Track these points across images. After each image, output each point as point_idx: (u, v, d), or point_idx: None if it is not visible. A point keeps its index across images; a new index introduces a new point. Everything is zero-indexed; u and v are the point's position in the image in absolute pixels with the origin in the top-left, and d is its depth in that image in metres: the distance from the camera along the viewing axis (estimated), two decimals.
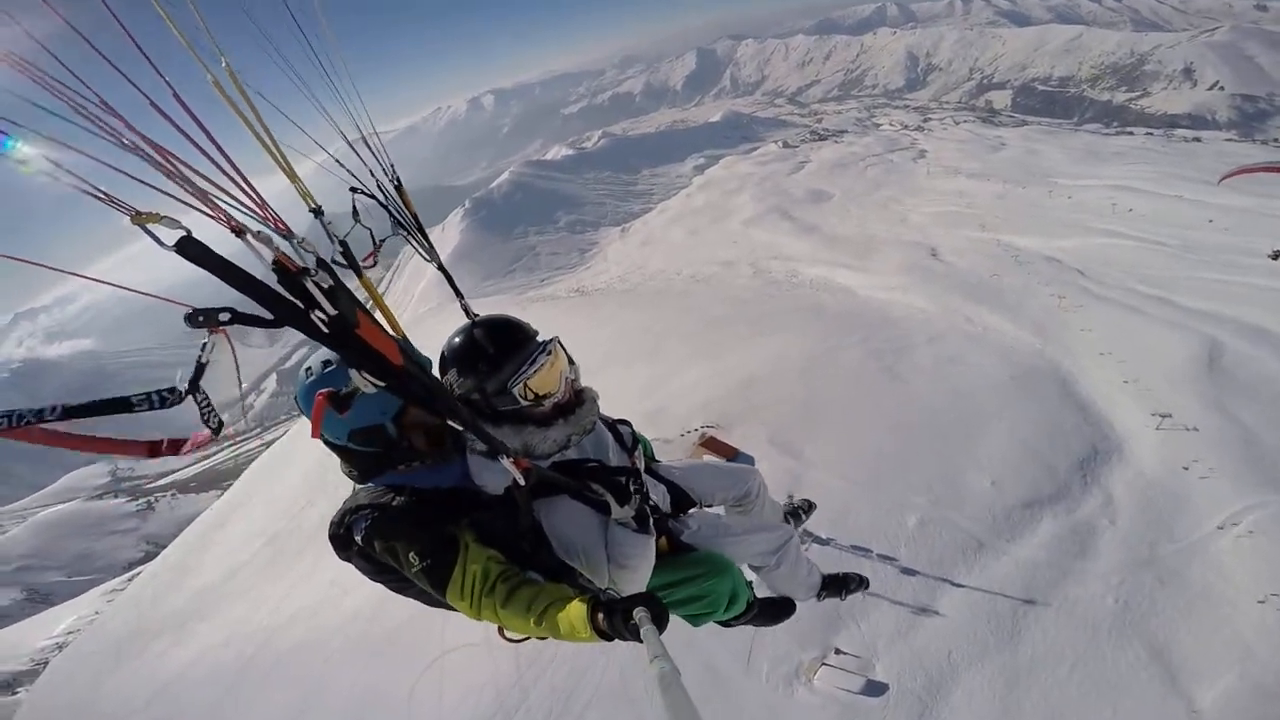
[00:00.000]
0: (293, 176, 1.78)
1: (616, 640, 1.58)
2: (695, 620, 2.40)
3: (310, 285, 1.10)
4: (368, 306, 1.33)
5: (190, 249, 1.00)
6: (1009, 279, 29.74)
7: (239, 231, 1.16)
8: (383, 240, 2.68)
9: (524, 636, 1.97)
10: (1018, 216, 41.88)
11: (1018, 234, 37.30)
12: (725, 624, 2.60)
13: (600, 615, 1.58)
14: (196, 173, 1.14)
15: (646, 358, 25.33)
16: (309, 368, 2.02)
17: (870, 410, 18.28)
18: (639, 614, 1.46)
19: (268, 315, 1.12)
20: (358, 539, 1.94)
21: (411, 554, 1.86)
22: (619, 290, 51.07)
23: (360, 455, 2.07)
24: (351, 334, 1.19)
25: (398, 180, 2.60)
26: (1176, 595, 12.90)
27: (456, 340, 2.19)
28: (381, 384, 1.31)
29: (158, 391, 1.18)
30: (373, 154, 2.48)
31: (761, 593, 2.85)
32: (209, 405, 1.33)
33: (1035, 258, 32.56)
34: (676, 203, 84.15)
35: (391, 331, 1.78)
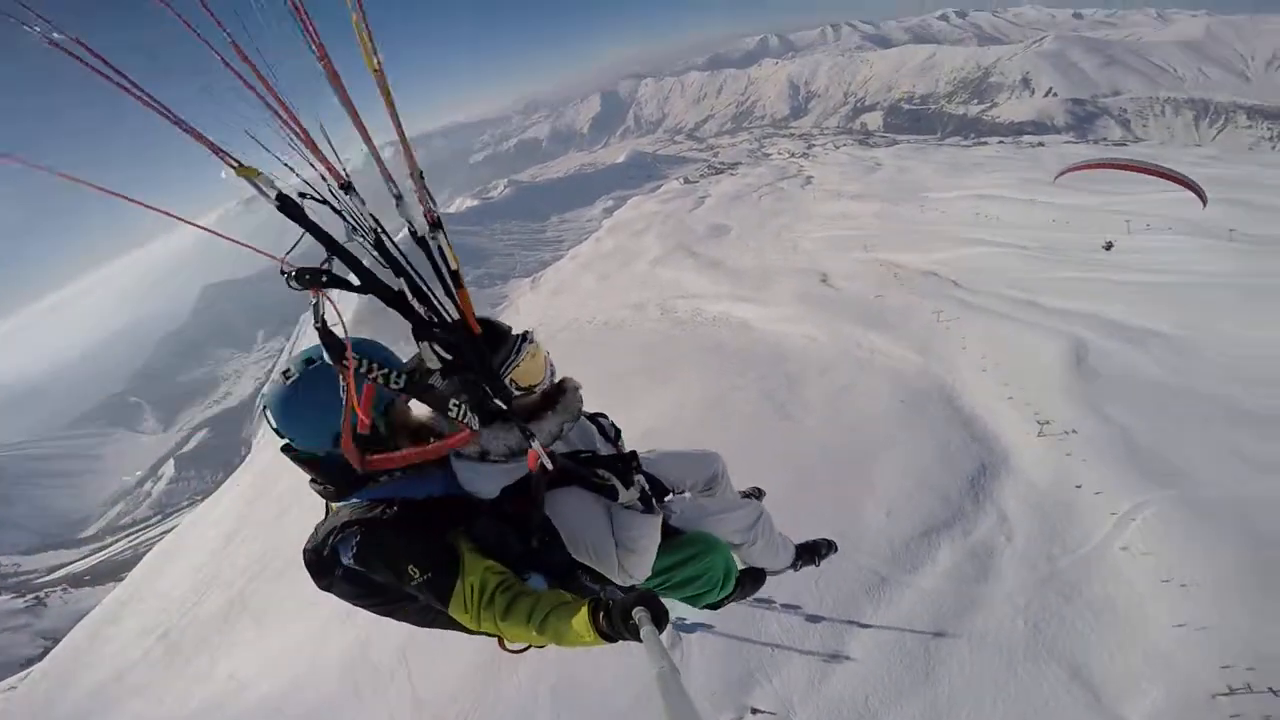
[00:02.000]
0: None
1: (620, 642, 1.61)
2: (695, 600, 2.45)
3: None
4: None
5: (287, 206, 1.36)
6: (892, 298, 31.01)
7: (347, 188, 1.56)
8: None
9: (525, 646, 1.97)
10: (896, 234, 44.43)
11: (897, 251, 39.38)
12: (715, 606, 2.62)
13: (601, 615, 1.61)
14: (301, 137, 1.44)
15: None
16: (287, 370, 1.88)
17: (765, 454, 18.24)
18: (638, 614, 1.51)
19: (356, 281, 1.50)
20: (347, 560, 1.83)
21: (412, 568, 1.78)
22: None
23: (339, 467, 1.86)
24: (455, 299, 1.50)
25: (348, 182, 2.36)
26: (1084, 609, 13.05)
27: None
28: (448, 358, 1.58)
29: None
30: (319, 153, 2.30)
31: None
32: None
33: (914, 274, 34.33)
34: (587, 248, 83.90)
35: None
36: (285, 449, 1.95)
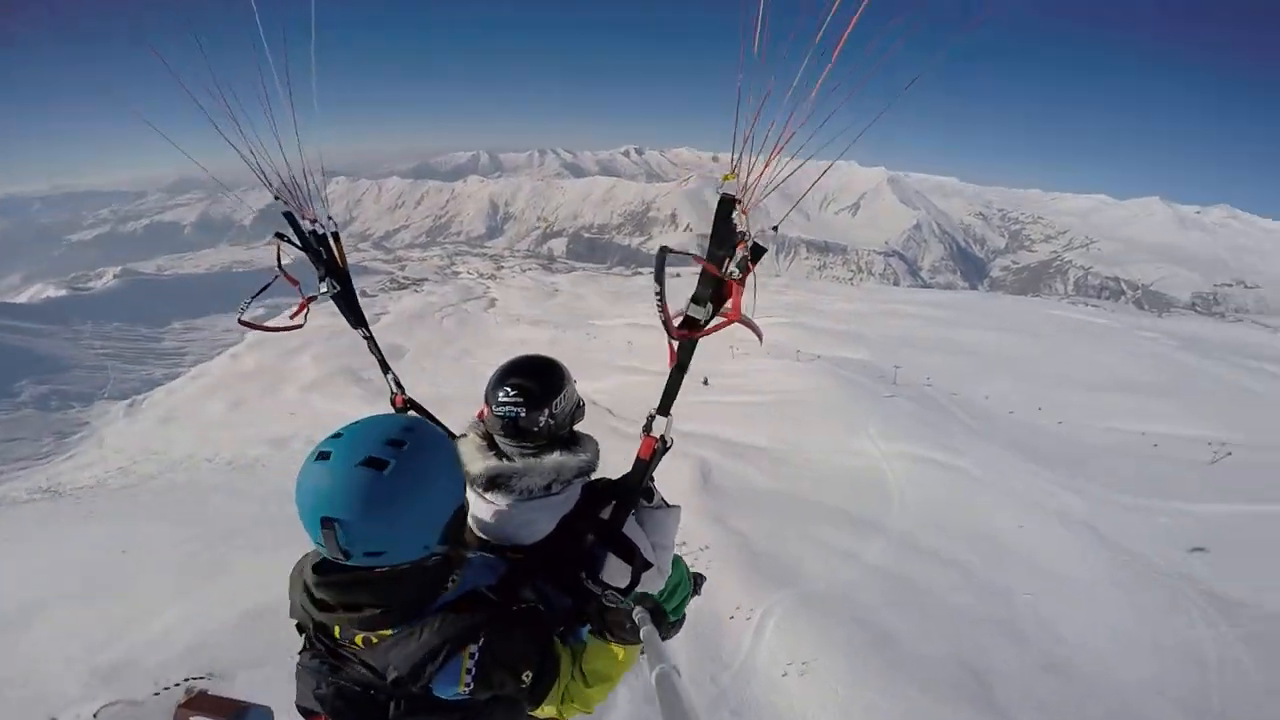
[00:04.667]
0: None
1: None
2: (679, 609, 2.34)
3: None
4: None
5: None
6: None
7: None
8: (310, 299, 2.27)
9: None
10: (566, 362, 47.19)
11: None
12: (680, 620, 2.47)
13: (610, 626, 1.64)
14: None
15: (114, 592, 19.12)
16: (371, 457, 1.37)
17: None
18: (638, 614, 1.53)
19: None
20: (462, 686, 1.46)
21: (526, 672, 1.54)
22: (112, 488, 37.60)
23: (430, 569, 1.51)
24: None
25: (335, 230, 2.34)
26: None
27: (545, 364, 1.99)
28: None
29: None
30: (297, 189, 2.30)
31: None
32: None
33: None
34: (219, 366, 69.12)
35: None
36: (333, 572, 1.44)
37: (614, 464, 2.03)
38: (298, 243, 2.24)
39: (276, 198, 2.17)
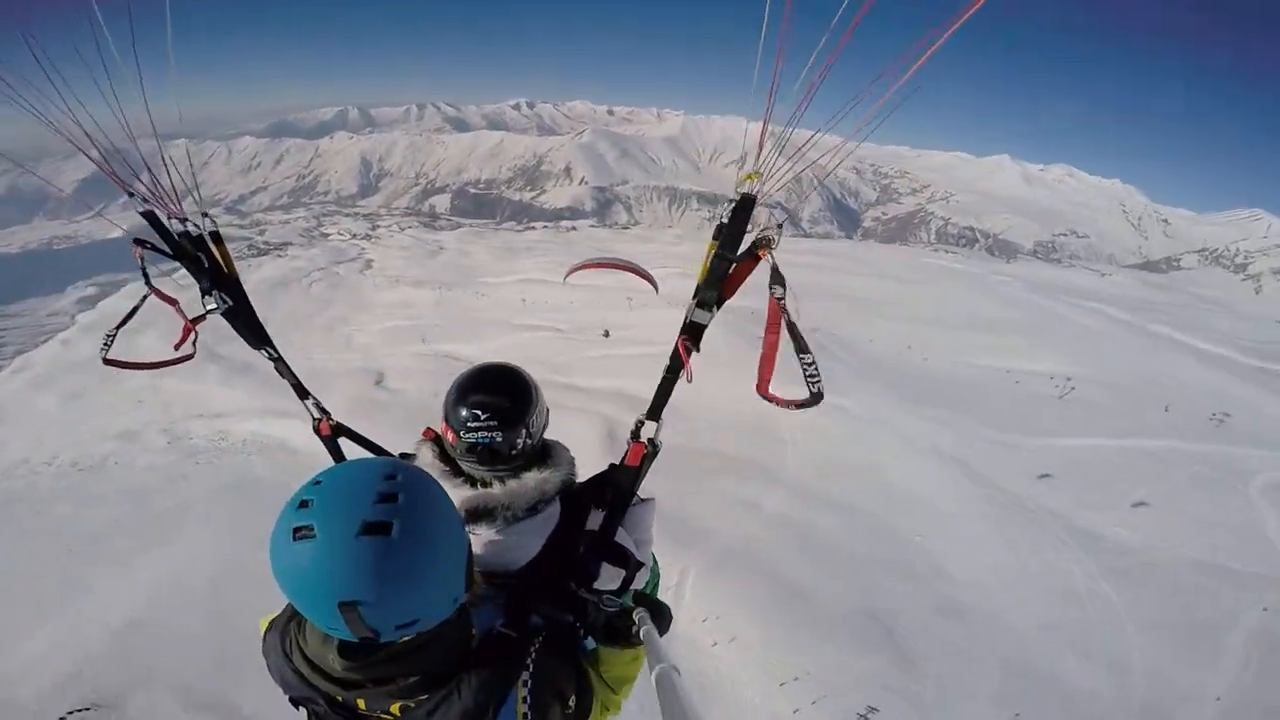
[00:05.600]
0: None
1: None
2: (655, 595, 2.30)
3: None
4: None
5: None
6: None
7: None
8: (197, 321, 1.99)
9: None
10: (454, 323, 44.72)
11: (455, 342, 39.36)
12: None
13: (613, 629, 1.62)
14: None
15: None
16: (369, 522, 1.16)
17: None
18: (638, 614, 1.53)
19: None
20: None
21: (571, 698, 1.56)
22: None
23: (456, 625, 1.41)
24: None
25: (215, 229, 2.04)
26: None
27: (510, 375, 1.81)
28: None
29: None
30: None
31: None
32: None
33: (469, 366, 34.40)
34: (46, 355, 59.34)
35: None
36: (362, 653, 1.28)
37: None
38: (166, 249, 1.92)
39: (130, 194, 1.85)
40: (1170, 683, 16.28)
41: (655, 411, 1.85)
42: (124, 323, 1.91)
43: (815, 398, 1.46)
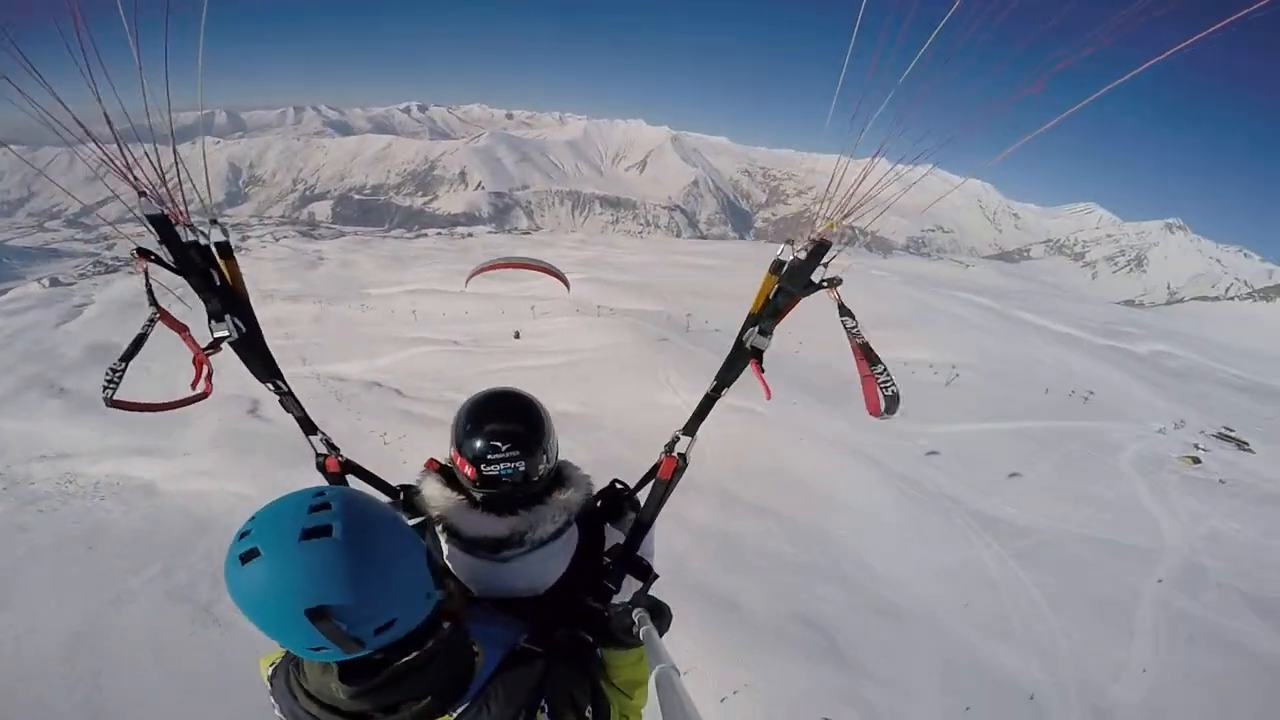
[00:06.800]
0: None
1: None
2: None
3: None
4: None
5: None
6: (334, 423, 27.41)
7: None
8: (209, 350, 1.68)
9: None
10: (336, 341, 41.17)
11: (338, 361, 36.16)
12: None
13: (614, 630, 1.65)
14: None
15: None
16: (312, 527, 1.15)
17: (183, 689, 14.59)
18: (638, 614, 1.56)
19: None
20: None
21: (588, 709, 1.56)
22: None
23: (443, 635, 1.39)
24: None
25: (225, 239, 1.68)
26: None
27: (518, 400, 1.76)
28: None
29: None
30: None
31: None
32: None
33: (357, 386, 31.70)
34: None
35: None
36: (361, 677, 1.26)
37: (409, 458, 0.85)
38: (172, 263, 1.62)
39: (143, 194, 1.53)
40: (1095, 661, 17.40)
41: (692, 427, 1.87)
42: (130, 355, 1.59)
43: (893, 400, 1.60)
